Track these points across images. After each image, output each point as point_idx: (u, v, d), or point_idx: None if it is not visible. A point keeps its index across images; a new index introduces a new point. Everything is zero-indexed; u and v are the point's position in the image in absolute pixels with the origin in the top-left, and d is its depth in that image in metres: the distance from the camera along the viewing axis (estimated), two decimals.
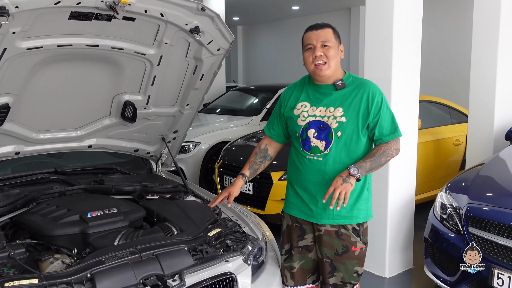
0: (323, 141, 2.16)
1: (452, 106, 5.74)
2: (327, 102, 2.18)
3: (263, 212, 4.33)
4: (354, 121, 2.14)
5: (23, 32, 2.01)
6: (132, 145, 3.04)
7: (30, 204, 2.46)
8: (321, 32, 2.14)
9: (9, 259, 1.90)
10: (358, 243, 2.22)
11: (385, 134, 2.18)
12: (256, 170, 2.42)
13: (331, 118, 2.15)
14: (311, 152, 2.19)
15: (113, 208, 2.31)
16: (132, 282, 1.82)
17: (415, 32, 3.53)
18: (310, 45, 2.15)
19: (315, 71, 2.15)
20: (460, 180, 3.35)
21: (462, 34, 9.81)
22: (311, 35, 2.16)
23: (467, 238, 2.88)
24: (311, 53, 2.14)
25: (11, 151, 2.57)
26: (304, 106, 2.23)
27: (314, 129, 2.17)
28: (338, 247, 2.21)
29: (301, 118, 2.21)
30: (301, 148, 2.22)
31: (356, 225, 2.22)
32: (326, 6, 12.99)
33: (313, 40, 2.14)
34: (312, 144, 2.18)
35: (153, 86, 2.66)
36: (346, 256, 2.21)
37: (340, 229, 2.21)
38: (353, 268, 2.23)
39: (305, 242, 2.30)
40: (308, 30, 2.18)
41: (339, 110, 2.15)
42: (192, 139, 5.75)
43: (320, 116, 2.17)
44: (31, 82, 2.30)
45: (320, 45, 2.12)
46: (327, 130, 2.15)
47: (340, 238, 2.20)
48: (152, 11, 2.21)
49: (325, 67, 2.13)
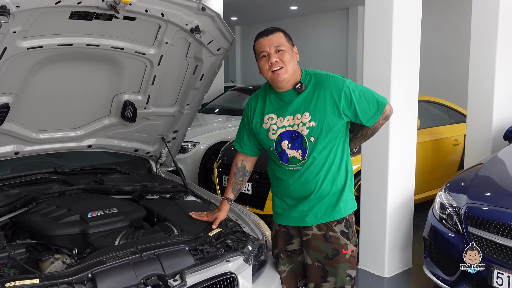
0: (298, 150, 2.12)
1: (451, 106, 5.75)
2: (292, 109, 2.11)
3: (262, 212, 4.33)
4: (324, 122, 2.07)
5: (23, 31, 2.00)
6: (132, 145, 3.03)
7: (30, 204, 2.46)
8: (272, 37, 2.05)
9: (9, 259, 1.90)
10: (349, 246, 2.18)
11: (370, 116, 2.13)
12: (239, 190, 2.38)
13: (301, 125, 2.09)
14: (290, 163, 2.15)
15: (113, 208, 2.31)
16: (133, 282, 1.81)
17: (414, 32, 3.54)
18: (263, 53, 2.06)
19: (273, 77, 2.06)
20: (459, 180, 3.36)
21: (461, 34, 9.84)
22: (263, 41, 2.06)
23: (467, 238, 2.88)
24: (266, 60, 2.06)
25: (10, 151, 2.56)
26: (271, 118, 2.16)
27: (287, 140, 2.12)
28: (327, 251, 2.16)
29: (271, 132, 2.15)
30: (280, 161, 2.18)
31: (345, 228, 2.18)
32: (324, 6, 13.00)
33: (266, 47, 2.05)
34: (289, 155, 2.14)
35: (153, 86, 2.65)
36: (337, 260, 2.16)
37: (328, 232, 2.16)
38: (345, 272, 2.19)
39: (293, 246, 2.28)
40: (259, 37, 2.08)
41: (306, 115, 2.09)
42: (190, 139, 5.74)
43: (290, 125, 2.11)
44: (31, 81, 2.30)
45: (274, 51, 2.04)
46: (300, 138, 2.10)
47: (329, 241, 2.16)
48: (152, 11, 2.20)
49: (282, 71, 2.04)
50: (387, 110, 2.17)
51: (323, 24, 14.14)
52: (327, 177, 2.14)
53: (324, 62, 13.56)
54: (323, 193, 2.15)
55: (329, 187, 2.15)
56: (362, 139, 2.33)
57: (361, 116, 2.12)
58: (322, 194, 2.15)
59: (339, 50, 13.62)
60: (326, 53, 13.93)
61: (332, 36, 13.85)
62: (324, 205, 2.16)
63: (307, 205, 2.17)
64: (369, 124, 2.17)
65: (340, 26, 13.62)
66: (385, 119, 2.20)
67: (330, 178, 2.15)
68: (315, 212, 2.16)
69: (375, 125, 2.20)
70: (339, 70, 13.21)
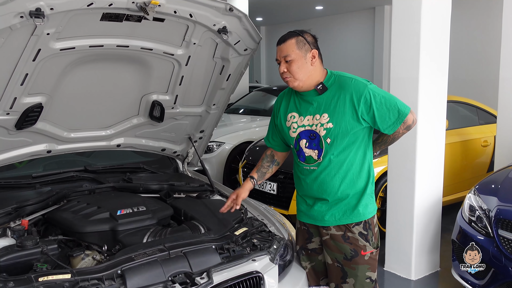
0: (315, 150, 2.14)
1: (480, 107, 5.63)
2: (313, 109, 2.14)
3: (287, 212, 4.33)
4: (342, 125, 2.08)
5: (57, 33, 2.06)
6: (159, 144, 3.08)
7: (61, 202, 2.52)
8: (283, 46, 2.10)
9: (42, 255, 1.96)
10: (368, 247, 2.17)
11: (389, 124, 2.10)
12: (264, 173, 2.39)
13: (319, 125, 2.11)
14: (307, 162, 2.18)
15: (142, 206, 2.35)
16: (161, 279, 1.84)
17: (443, 31, 3.48)
18: (277, 61, 2.14)
19: (286, 83, 2.16)
20: (489, 182, 3.29)
21: (491, 33, 9.61)
22: (277, 49, 2.14)
23: (497, 241, 2.82)
24: (280, 67, 2.14)
25: (43, 149, 2.63)
26: (293, 117, 2.21)
27: (305, 139, 2.15)
28: (346, 251, 2.16)
29: (292, 129, 2.20)
30: (298, 160, 2.22)
31: (363, 230, 2.17)
32: (350, 6, 12.89)
33: (277, 56, 2.13)
34: (306, 154, 2.16)
35: (180, 86, 2.69)
36: (356, 261, 2.16)
37: (347, 233, 2.16)
38: (364, 274, 2.17)
39: (313, 245, 2.30)
40: (276, 44, 2.15)
41: (324, 116, 2.11)
42: (216, 139, 5.78)
43: (309, 125, 2.15)
44: (63, 82, 2.35)
45: (283, 61, 2.10)
46: (317, 138, 2.12)
47: (347, 242, 2.16)
48: (181, 12, 2.23)
49: (290, 80, 2.11)
50: (409, 120, 2.11)
51: (348, 24, 14.02)
52: (345, 181, 2.14)
53: (350, 63, 13.44)
54: (341, 196, 2.15)
55: (347, 191, 2.15)
56: (382, 145, 2.31)
57: (380, 123, 2.10)
58: (340, 197, 2.15)
59: (365, 50, 13.47)
60: (352, 53, 13.80)
61: (358, 36, 13.72)
62: (342, 208, 2.16)
63: (325, 206, 2.18)
64: (387, 132, 2.14)
65: (366, 25, 13.47)
66: (407, 129, 2.15)
67: (349, 182, 2.15)
68: (333, 214, 2.17)
69: (395, 134, 2.17)
70: (365, 70, 13.07)
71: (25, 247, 1.93)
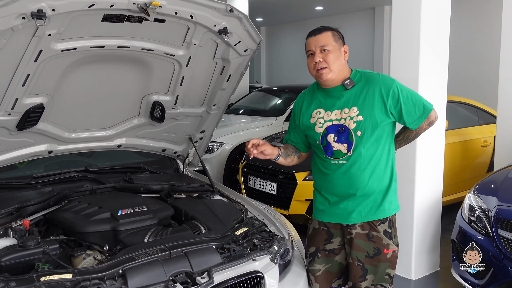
0: (344, 143, 2.15)
1: (480, 107, 5.64)
2: (340, 104, 2.17)
3: (287, 212, 4.34)
4: (372, 117, 2.12)
5: (58, 34, 2.07)
6: (160, 145, 3.09)
7: (62, 202, 2.52)
8: (319, 37, 2.13)
9: (43, 255, 1.96)
10: (391, 246, 2.20)
11: (415, 118, 2.18)
12: (288, 156, 2.35)
13: (348, 119, 2.14)
14: (335, 157, 2.19)
15: (143, 206, 2.35)
16: (162, 279, 1.85)
17: (443, 31, 3.49)
18: (310, 51, 2.15)
19: (318, 76, 2.16)
20: (489, 182, 3.30)
21: (491, 33, 9.62)
22: (310, 40, 2.15)
23: (496, 241, 2.83)
24: (312, 58, 2.14)
25: (44, 149, 2.64)
26: (319, 113, 2.22)
27: (333, 133, 2.16)
28: (369, 250, 2.19)
29: (318, 125, 2.20)
30: (324, 155, 2.22)
31: (388, 227, 2.21)
32: (350, 6, 12.90)
33: (312, 46, 2.14)
34: (334, 149, 2.17)
35: (181, 87, 2.70)
36: (378, 259, 2.19)
37: (371, 232, 2.19)
38: (384, 271, 2.21)
39: (332, 245, 2.30)
40: (308, 36, 2.17)
41: (354, 109, 2.13)
42: (216, 139, 5.79)
43: (337, 119, 2.16)
44: (64, 82, 2.36)
45: (319, 51, 2.12)
46: (346, 132, 2.14)
47: (371, 241, 2.19)
48: (182, 13, 2.24)
49: (325, 71, 2.12)
50: (432, 116, 2.22)
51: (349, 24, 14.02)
52: (373, 175, 2.17)
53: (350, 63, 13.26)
54: (369, 191, 2.17)
55: (375, 186, 2.18)
56: (403, 142, 2.36)
57: (406, 117, 2.16)
58: (368, 192, 2.17)
59: (365, 51, 13.49)
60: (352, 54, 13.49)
61: (358, 36, 13.72)
62: (369, 204, 2.18)
63: (351, 203, 2.19)
64: (412, 126, 2.21)
65: (366, 26, 13.49)
66: (429, 125, 2.24)
67: (377, 176, 2.18)
68: (359, 211, 2.19)
69: (418, 129, 2.25)
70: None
71: (27, 247, 1.94)
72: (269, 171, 4.63)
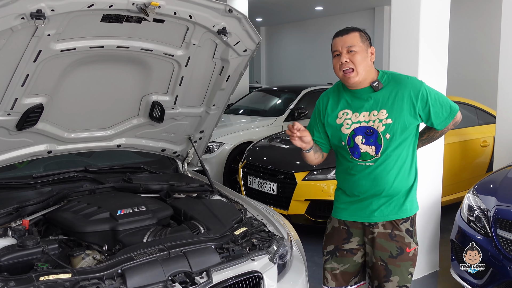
0: (372, 146, 2.14)
1: (479, 107, 5.64)
2: (369, 106, 2.15)
3: (286, 212, 4.34)
4: (401, 120, 2.11)
5: (57, 34, 2.07)
6: (159, 145, 3.09)
7: (62, 202, 2.52)
8: (346, 37, 2.12)
9: (43, 254, 1.96)
10: (412, 244, 2.20)
11: (442, 119, 2.19)
12: (316, 151, 2.27)
13: (377, 121, 2.13)
14: (362, 159, 2.17)
15: (142, 206, 2.35)
16: (161, 279, 1.85)
17: (442, 31, 3.50)
18: (336, 52, 2.13)
19: (344, 78, 2.14)
20: (488, 182, 3.30)
21: (490, 33, 9.62)
22: (337, 41, 2.14)
23: (495, 241, 2.83)
24: (338, 59, 2.12)
25: (44, 149, 2.64)
26: (346, 113, 2.19)
27: (361, 135, 2.15)
28: (392, 249, 2.19)
29: (345, 126, 2.18)
30: (350, 157, 2.20)
31: (410, 226, 2.21)
32: (350, 6, 12.91)
33: (338, 47, 2.12)
34: (362, 151, 2.16)
35: (180, 87, 2.70)
36: (401, 258, 2.19)
37: (394, 231, 2.19)
38: (407, 270, 2.21)
39: (350, 245, 2.29)
40: (335, 36, 2.16)
41: (383, 112, 2.13)
42: (215, 139, 5.80)
43: (365, 121, 2.15)
44: (63, 83, 2.37)
45: (345, 51, 2.10)
46: (375, 134, 2.13)
47: (394, 240, 2.19)
48: (181, 13, 2.24)
49: (353, 74, 2.10)
50: (458, 117, 2.24)
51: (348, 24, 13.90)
52: (398, 177, 2.17)
53: None
54: (394, 192, 2.18)
55: (400, 187, 2.18)
56: (426, 142, 2.36)
57: (434, 118, 2.17)
58: (393, 192, 2.18)
59: None
60: None
61: None
62: (392, 204, 2.19)
63: (375, 203, 2.19)
64: (439, 127, 2.23)
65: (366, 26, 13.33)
66: (454, 125, 2.26)
67: (402, 177, 2.18)
68: (382, 210, 2.19)
69: (444, 129, 2.26)
70: None
71: (26, 246, 1.94)
72: (268, 171, 4.63)
